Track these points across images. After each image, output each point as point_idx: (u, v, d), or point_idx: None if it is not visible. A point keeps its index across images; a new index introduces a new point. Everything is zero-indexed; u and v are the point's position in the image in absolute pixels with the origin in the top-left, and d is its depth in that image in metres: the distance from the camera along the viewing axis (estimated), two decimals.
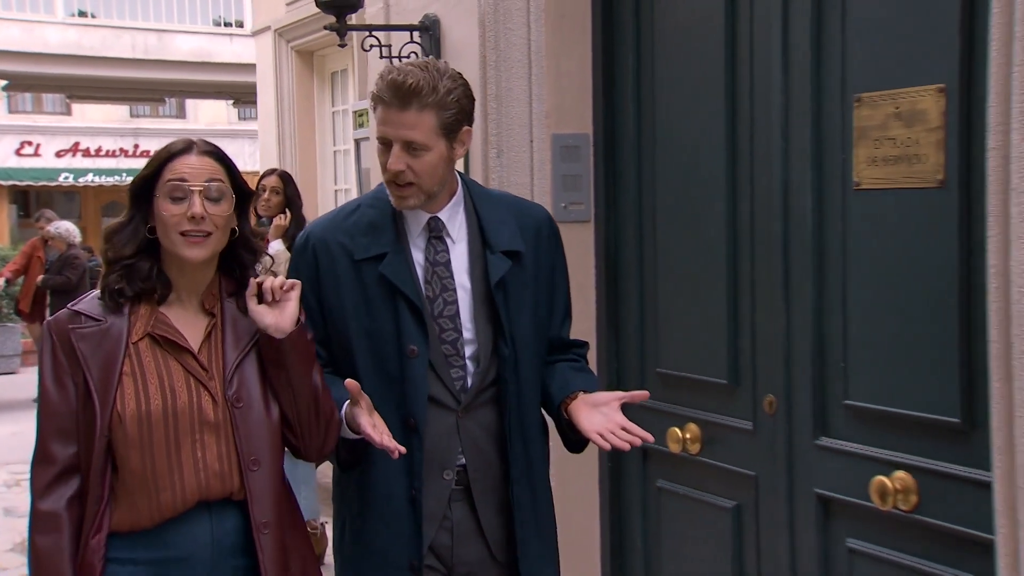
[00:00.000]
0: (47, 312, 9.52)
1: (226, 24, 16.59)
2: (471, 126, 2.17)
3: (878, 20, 2.36)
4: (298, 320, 1.97)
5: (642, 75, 3.07)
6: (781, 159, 2.60)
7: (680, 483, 3.03)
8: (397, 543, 2.15)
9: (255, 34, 8.07)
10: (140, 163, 19.49)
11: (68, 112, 23.49)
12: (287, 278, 2.04)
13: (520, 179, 3.20)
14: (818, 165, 2.51)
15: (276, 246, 4.75)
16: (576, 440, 2.25)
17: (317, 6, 3.55)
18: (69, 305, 1.98)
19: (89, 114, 23.24)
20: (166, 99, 21.19)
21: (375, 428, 2.00)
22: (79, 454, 1.90)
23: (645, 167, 3.09)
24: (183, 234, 1.91)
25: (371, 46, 3.66)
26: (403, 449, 1.99)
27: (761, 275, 2.70)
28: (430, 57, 2.17)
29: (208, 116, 23.41)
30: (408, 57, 3.69)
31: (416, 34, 3.66)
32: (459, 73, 2.14)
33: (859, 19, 2.40)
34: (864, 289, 2.42)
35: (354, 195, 6.69)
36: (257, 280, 1.96)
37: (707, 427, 2.90)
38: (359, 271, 2.14)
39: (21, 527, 6.05)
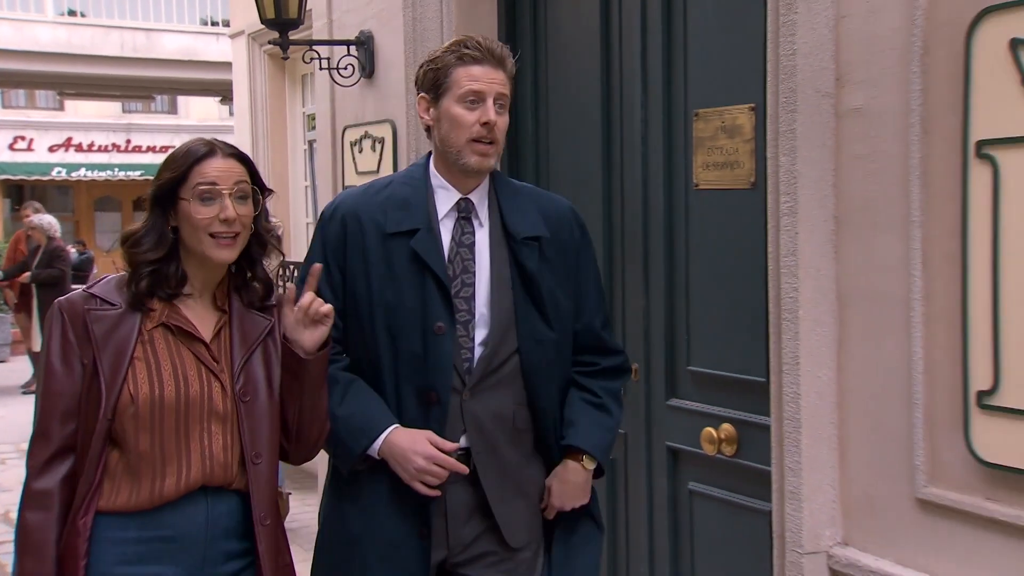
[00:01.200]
0: (34, 303, 9.87)
1: (212, 23, 16.92)
2: None
3: (710, 50, 2.83)
4: (324, 345, 2.01)
5: (539, 90, 3.55)
6: (641, 163, 3.08)
7: None
8: (409, 512, 2.14)
9: (232, 37, 8.52)
10: (132, 158, 19.66)
11: (61, 108, 23.76)
12: (311, 247, 2.14)
13: None
14: (668, 169, 2.99)
15: None
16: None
17: (262, 23, 4.00)
18: (85, 288, 2.00)
19: (82, 110, 23.53)
20: (156, 96, 21.61)
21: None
22: (77, 434, 1.92)
23: (542, 168, 3.56)
24: (213, 235, 1.94)
25: (311, 59, 4.12)
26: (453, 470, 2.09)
27: (628, 262, 3.18)
28: None
29: (199, 112, 23.76)
30: (346, 68, 4.16)
31: (352, 48, 4.12)
32: None
33: (697, 49, 2.88)
34: (702, 273, 2.90)
35: (312, 191, 7.17)
36: (303, 296, 2.00)
37: None
38: (387, 245, 2.14)
39: (7, 500, 6.46)
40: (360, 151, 4.29)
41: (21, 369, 10.87)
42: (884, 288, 2.18)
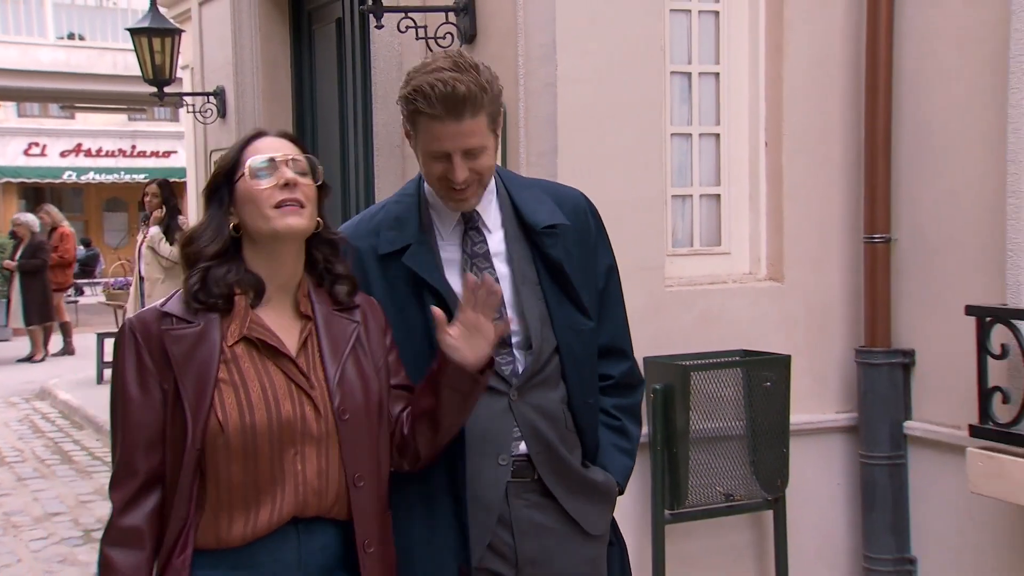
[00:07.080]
0: (16, 286, 11.73)
1: None
2: None
3: (387, 96, 4.64)
4: (489, 363, 1.88)
5: (316, 125, 5.39)
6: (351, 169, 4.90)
7: None
8: (444, 546, 2.04)
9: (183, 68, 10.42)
10: (137, 162, 21.80)
11: (72, 116, 25.28)
12: None
13: None
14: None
15: (155, 231, 7.12)
16: None
17: (144, 81, 5.84)
18: (158, 305, 1.84)
19: (91, 118, 25.02)
20: (147, 108, 23.25)
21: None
22: (164, 465, 1.76)
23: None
24: (278, 206, 1.78)
25: (181, 106, 5.99)
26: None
27: None
28: (448, 49, 2.30)
29: None
30: (208, 113, 6.01)
31: (212, 98, 5.98)
32: (480, 62, 2.06)
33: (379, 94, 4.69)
34: None
35: None
36: (471, 279, 1.85)
37: None
38: (386, 268, 2.06)
39: None
40: None
41: (19, 345, 12.75)
42: None
